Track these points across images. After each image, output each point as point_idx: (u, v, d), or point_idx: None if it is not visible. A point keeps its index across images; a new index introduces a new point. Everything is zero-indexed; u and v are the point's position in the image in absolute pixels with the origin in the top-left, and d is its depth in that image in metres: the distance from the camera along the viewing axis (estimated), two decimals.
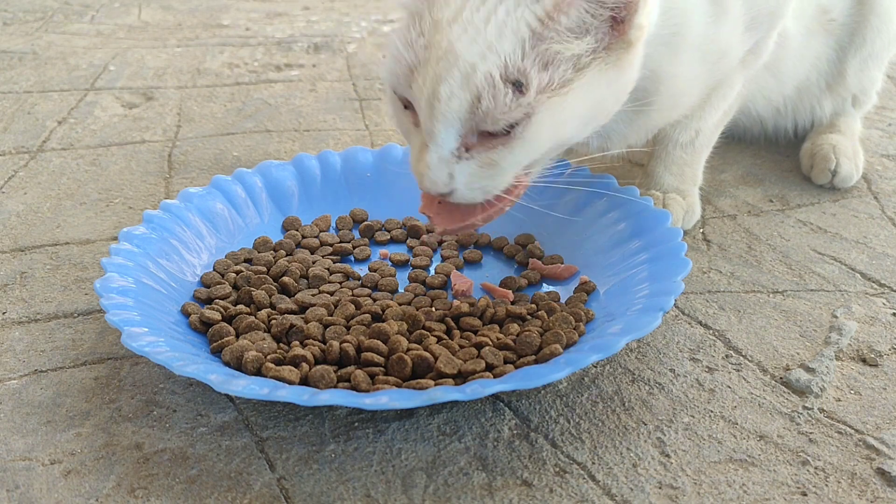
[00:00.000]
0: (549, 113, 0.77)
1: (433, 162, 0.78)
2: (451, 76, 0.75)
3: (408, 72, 0.78)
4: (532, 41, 0.75)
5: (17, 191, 1.19)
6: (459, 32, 0.75)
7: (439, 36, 0.76)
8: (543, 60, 0.76)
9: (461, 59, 0.75)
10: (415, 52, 0.77)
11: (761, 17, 0.98)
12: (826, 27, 1.17)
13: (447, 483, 0.71)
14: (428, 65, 0.76)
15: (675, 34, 0.89)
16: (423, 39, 0.77)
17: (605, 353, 0.74)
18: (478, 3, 0.76)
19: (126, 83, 1.59)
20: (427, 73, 0.76)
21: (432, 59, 0.76)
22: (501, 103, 0.75)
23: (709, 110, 1.05)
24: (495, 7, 0.75)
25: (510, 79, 0.75)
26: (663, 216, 0.95)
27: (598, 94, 0.80)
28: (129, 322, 0.79)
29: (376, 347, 0.80)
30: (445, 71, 0.75)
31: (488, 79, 0.74)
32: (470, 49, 0.75)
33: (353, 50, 1.79)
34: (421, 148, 0.79)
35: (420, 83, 0.77)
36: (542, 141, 0.79)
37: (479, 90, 0.75)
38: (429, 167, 0.78)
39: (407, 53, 0.78)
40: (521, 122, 0.76)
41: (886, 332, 0.90)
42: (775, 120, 1.27)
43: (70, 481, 0.71)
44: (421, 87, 0.77)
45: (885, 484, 0.70)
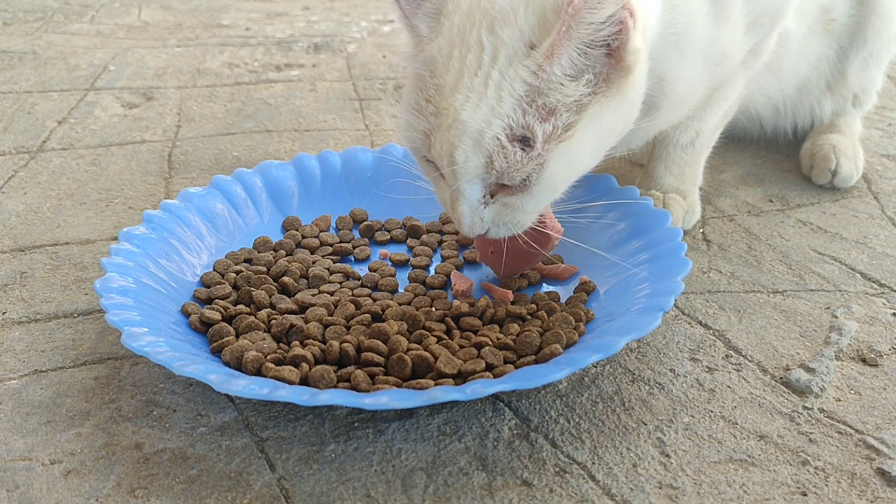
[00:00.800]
0: (560, 157, 0.79)
1: (465, 212, 0.81)
2: (463, 143, 0.77)
3: (424, 137, 0.80)
4: (530, 96, 0.77)
5: (17, 191, 1.19)
6: (462, 100, 0.77)
7: (445, 102, 0.78)
8: (545, 111, 0.77)
9: (468, 126, 0.77)
10: (426, 119, 0.80)
11: (762, 19, 0.98)
12: (827, 27, 1.17)
13: (447, 483, 0.71)
14: (440, 132, 0.78)
15: (682, 35, 0.89)
16: (432, 106, 0.79)
17: (605, 353, 0.74)
18: (475, 67, 0.77)
19: (126, 83, 1.59)
20: (441, 139, 0.78)
21: (444, 126, 0.78)
22: (512, 161, 0.77)
23: (709, 111, 1.05)
24: (490, 69, 0.77)
25: (516, 137, 0.77)
26: (663, 216, 0.95)
27: (604, 123, 0.81)
28: (129, 322, 0.79)
29: (376, 347, 0.80)
30: (457, 138, 0.77)
31: (496, 142, 0.77)
32: (474, 116, 0.77)
33: (353, 50, 1.79)
34: (452, 197, 0.82)
35: (438, 148, 0.79)
36: (557, 183, 0.82)
37: (490, 153, 0.77)
38: (463, 215, 0.82)
39: (419, 120, 0.80)
40: (535, 172, 0.79)
41: (886, 332, 0.90)
42: (775, 120, 1.27)
43: (70, 481, 0.71)
44: (439, 152, 0.79)
45: (885, 484, 0.70)
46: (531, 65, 0.76)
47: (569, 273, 0.95)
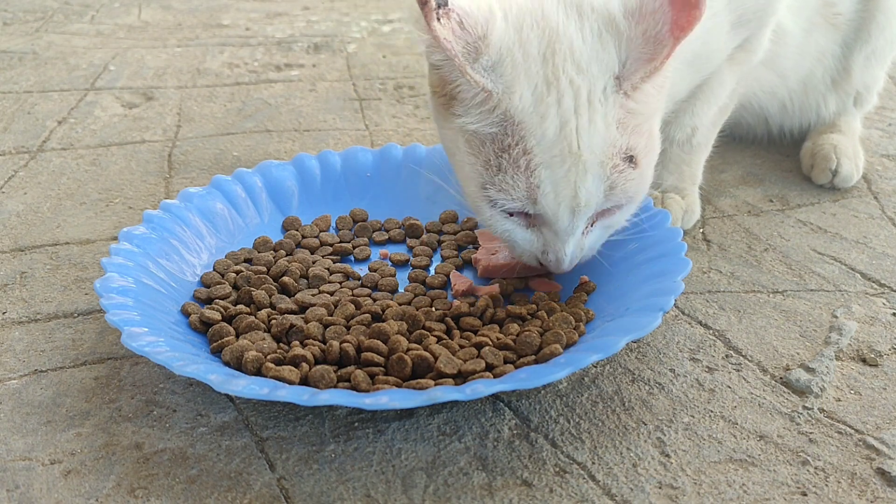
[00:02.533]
0: (651, 163, 0.85)
1: (570, 249, 0.84)
2: (587, 180, 0.79)
3: (527, 192, 0.80)
4: (628, 118, 0.80)
5: (17, 191, 1.19)
6: (576, 139, 0.79)
7: (556, 149, 0.79)
8: (637, 128, 0.81)
9: (590, 161, 0.79)
10: (530, 172, 0.79)
11: (748, 15, 0.98)
12: (832, 21, 1.16)
13: (447, 483, 0.71)
14: (555, 178, 0.79)
15: None
16: (536, 157, 0.79)
17: (605, 353, 0.74)
18: (574, 106, 0.79)
19: (126, 83, 1.59)
20: (558, 185, 0.79)
21: (560, 174, 0.79)
22: (627, 180, 0.81)
23: (702, 107, 1.05)
24: (589, 103, 0.79)
25: (626, 157, 0.81)
26: (662, 216, 0.95)
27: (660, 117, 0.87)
28: (129, 322, 0.79)
29: (376, 347, 0.80)
30: (579, 178, 0.79)
31: (616, 167, 0.80)
32: (593, 150, 0.79)
33: (353, 50, 1.79)
34: (546, 242, 0.84)
35: (552, 196, 0.80)
36: (648, 183, 0.86)
37: (612, 180, 0.80)
38: (566, 254, 0.84)
39: (519, 176, 0.80)
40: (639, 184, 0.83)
41: (886, 332, 0.90)
42: (781, 118, 1.27)
43: (70, 481, 0.71)
44: (554, 199, 0.80)
45: (885, 484, 0.70)
46: (628, 89, 0.79)
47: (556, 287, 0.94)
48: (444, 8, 0.76)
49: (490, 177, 0.81)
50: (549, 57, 0.79)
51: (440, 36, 0.75)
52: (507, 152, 0.80)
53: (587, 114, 0.79)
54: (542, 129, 0.79)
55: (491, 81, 0.79)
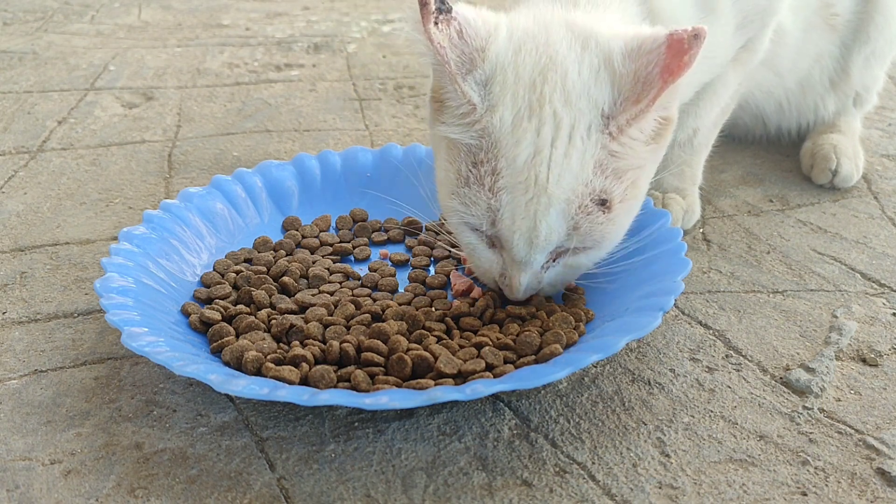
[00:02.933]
0: (628, 211, 0.83)
1: (525, 280, 0.82)
2: (549, 215, 0.78)
3: (487, 212, 0.79)
4: (608, 160, 0.78)
5: (17, 191, 1.19)
6: (545, 171, 0.77)
7: (522, 176, 0.77)
8: (616, 173, 0.79)
9: (554, 197, 0.77)
10: (493, 193, 0.78)
11: (752, 16, 0.98)
12: (830, 22, 1.16)
13: (447, 483, 0.71)
14: (515, 205, 0.78)
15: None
16: (502, 180, 0.78)
17: (605, 353, 0.74)
18: (551, 138, 0.77)
19: (126, 83, 1.59)
20: (516, 213, 0.78)
21: (520, 201, 0.78)
22: (595, 224, 0.79)
23: (705, 108, 1.05)
24: (569, 138, 0.77)
25: (597, 200, 0.78)
26: (663, 216, 0.95)
27: (652, 169, 0.84)
28: (129, 322, 0.79)
29: (376, 347, 0.80)
30: (541, 211, 0.77)
31: (584, 208, 0.78)
32: (560, 186, 0.77)
33: (353, 50, 1.79)
34: (504, 267, 0.83)
35: (508, 223, 0.79)
36: (622, 234, 0.84)
37: (576, 220, 0.78)
38: (521, 284, 0.82)
39: (483, 194, 0.79)
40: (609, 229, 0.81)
41: (886, 332, 0.90)
42: (779, 118, 1.27)
43: (70, 481, 0.71)
44: (510, 227, 0.79)
45: (885, 484, 0.70)
46: (613, 130, 0.77)
47: None
48: (446, 14, 0.76)
49: (458, 187, 0.80)
50: (540, 84, 0.78)
51: (434, 41, 0.75)
52: (477, 168, 0.79)
53: (563, 148, 0.77)
54: (514, 153, 0.77)
55: (478, 96, 0.78)
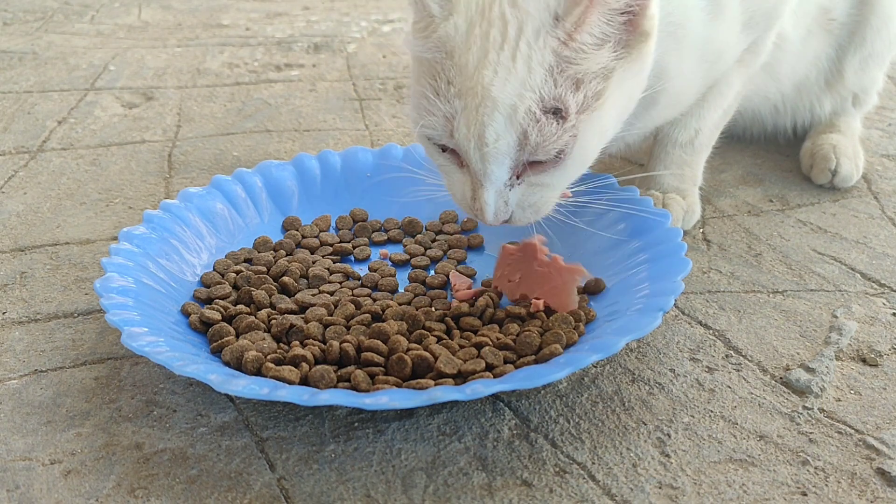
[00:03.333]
0: (591, 126, 0.78)
1: (490, 198, 0.79)
2: (494, 120, 0.75)
3: (445, 122, 0.78)
4: (560, 66, 0.76)
5: (17, 191, 1.19)
6: (491, 75, 0.75)
7: (471, 82, 0.76)
8: (575, 81, 0.76)
9: (499, 101, 0.75)
10: (448, 101, 0.77)
11: (758, 17, 0.98)
12: (826, 27, 1.17)
13: (447, 483, 0.71)
14: (467, 112, 0.76)
15: (679, 26, 0.90)
16: (454, 88, 0.77)
17: (605, 353, 0.74)
18: (500, 42, 0.75)
19: (126, 83, 1.59)
20: (468, 120, 0.76)
21: (470, 107, 0.76)
22: (547, 134, 0.76)
23: (708, 109, 1.05)
24: (517, 42, 0.75)
25: (549, 109, 0.76)
26: (663, 216, 0.95)
27: (626, 89, 0.81)
28: (129, 322, 0.79)
29: (376, 347, 0.80)
30: (487, 116, 0.75)
31: (530, 115, 0.75)
32: (505, 90, 0.75)
33: (353, 50, 1.79)
34: (473, 186, 0.80)
35: (464, 131, 0.77)
36: (589, 153, 0.82)
37: (524, 128, 0.75)
38: (487, 203, 0.79)
39: (440, 104, 0.78)
40: (569, 144, 0.78)
41: (886, 332, 0.90)
42: (774, 119, 1.27)
43: (70, 481, 0.71)
44: (465, 135, 0.77)
45: (885, 484, 0.70)
46: (560, 35, 0.75)
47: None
48: None
49: (421, 100, 0.79)
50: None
51: None
52: (436, 80, 0.78)
53: (510, 51, 0.75)
54: (464, 59, 0.76)
55: (437, 5, 0.78)
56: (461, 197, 0.83)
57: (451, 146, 0.80)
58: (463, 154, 0.79)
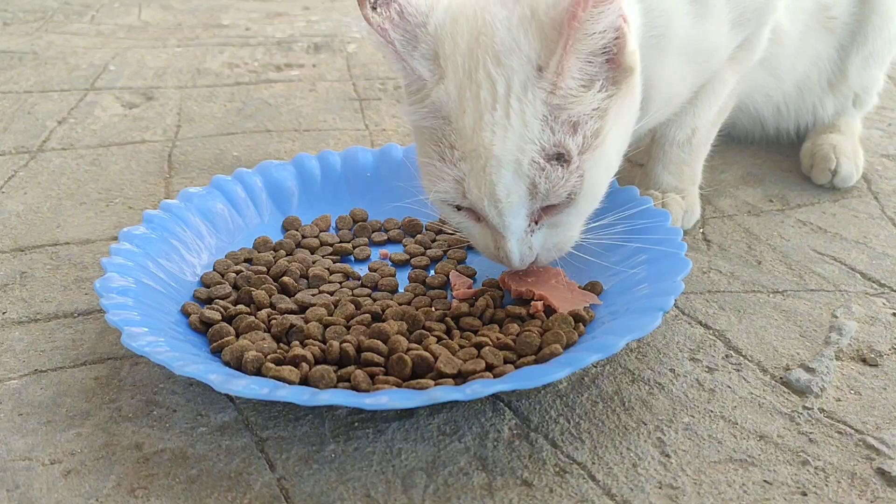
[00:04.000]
0: (596, 163, 0.80)
1: (514, 247, 0.82)
2: (502, 177, 0.77)
3: (455, 185, 0.80)
4: (553, 114, 0.77)
5: (17, 191, 1.19)
6: (490, 136, 0.77)
7: (472, 144, 0.78)
8: (571, 125, 0.78)
9: (503, 159, 0.77)
10: (455, 165, 0.79)
11: (748, 14, 0.98)
12: (826, 25, 1.17)
13: (447, 483, 0.71)
14: (474, 174, 0.78)
15: (661, 36, 0.90)
16: (458, 152, 0.79)
17: (605, 353, 0.74)
18: (491, 102, 0.77)
19: (126, 83, 1.59)
20: (478, 181, 0.78)
21: (477, 168, 0.78)
22: (555, 179, 0.78)
23: (703, 107, 1.05)
24: (507, 99, 0.77)
25: (552, 156, 0.78)
26: (663, 216, 0.95)
27: (623, 122, 0.83)
28: (129, 322, 0.79)
29: (376, 347, 0.80)
30: (494, 174, 0.77)
31: (534, 165, 0.77)
32: (506, 147, 0.77)
33: (353, 50, 1.79)
34: (495, 238, 0.83)
35: (475, 192, 0.79)
36: (598, 189, 0.83)
37: (532, 178, 0.77)
38: (512, 251, 0.82)
39: (447, 169, 0.80)
40: (577, 184, 0.79)
41: (886, 332, 0.90)
42: (777, 120, 1.27)
43: (70, 481, 0.71)
44: (478, 195, 0.79)
45: (885, 484, 0.70)
46: (546, 85, 0.76)
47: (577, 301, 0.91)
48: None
49: (429, 167, 0.81)
50: (474, 48, 0.78)
51: (374, 24, 0.79)
52: (439, 145, 0.80)
53: (503, 109, 0.77)
54: (462, 122, 0.78)
55: (427, 70, 0.79)
56: (484, 247, 0.86)
57: (466, 206, 0.82)
58: (479, 211, 0.81)
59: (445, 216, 0.87)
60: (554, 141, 0.77)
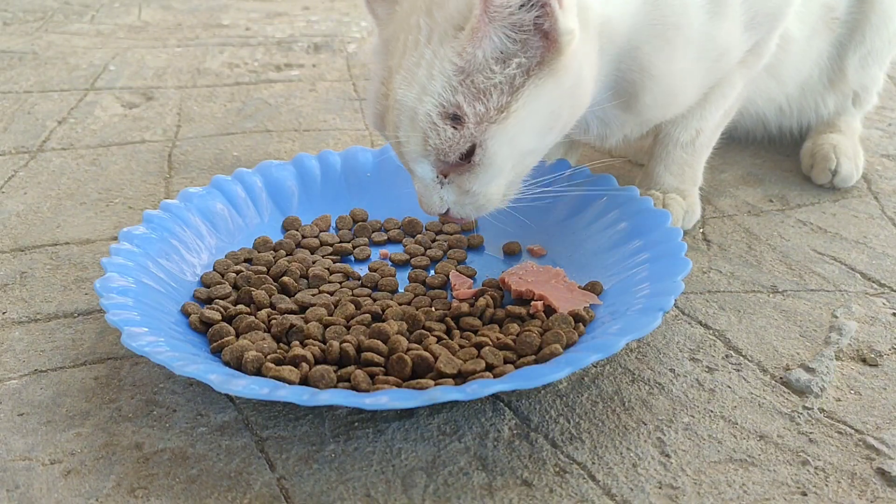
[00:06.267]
0: (498, 137, 0.79)
1: (420, 190, 0.85)
2: (402, 121, 0.80)
3: (379, 119, 0.84)
4: (459, 76, 0.78)
5: (17, 191, 1.19)
6: (400, 80, 0.79)
7: (391, 85, 0.81)
8: (475, 92, 0.78)
9: (403, 104, 0.79)
10: (380, 101, 0.83)
11: (760, 18, 0.98)
12: (829, 25, 1.17)
13: (447, 483, 0.71)
14: (388, 112, 0.82)
15: (670, 28, 0.89)
16: (384, 88, 0.83)
17: (605, 353, 0.74)
18: (412, 48, 0.79)
19: (126, 83, 1.59)
20: (389, 119, 0.82)
21: (390, 108, 0.81)
22: (445, 139, 0.78)
23: (709, 110, 1.05)
24: (423, 50, 0.78)
25: (448, 115, 0.78)
26: (663, 216, 0.95)
27: (544, 106, 0.81)
28: (129, 322, 0.79)
29: (376, 347, 0.80)
30: (397, 117, 0.80)
31: (428, 119, 0.78)
32: (408, 94, 0.79)
33: (353, 50, 1.79)
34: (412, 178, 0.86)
35: (389, 129, 0.82)
36: (501, 162, 0.81)
37: (424, 130, 0.78)
38: (420, 194, 0.85)
39: (376, 103, 0.84)
40: (476, 151, 0.79)
41: (886, 332, 0.90)
42: (780, 120, 1.27)
43: (70, 481, 0.71)
44: (390, 133, 0.82)
45: (885, 484, 0.70)
46: (457, 46, 0.77)
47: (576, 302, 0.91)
48: None
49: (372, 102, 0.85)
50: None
51: None
52: (378, 79, 0.84)
53: (415, 56, 0.78)
54: (389, 62, 0.82)
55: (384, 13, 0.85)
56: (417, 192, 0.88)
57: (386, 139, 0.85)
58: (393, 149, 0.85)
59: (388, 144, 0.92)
60: (453, 101, 0.78)
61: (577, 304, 0.87)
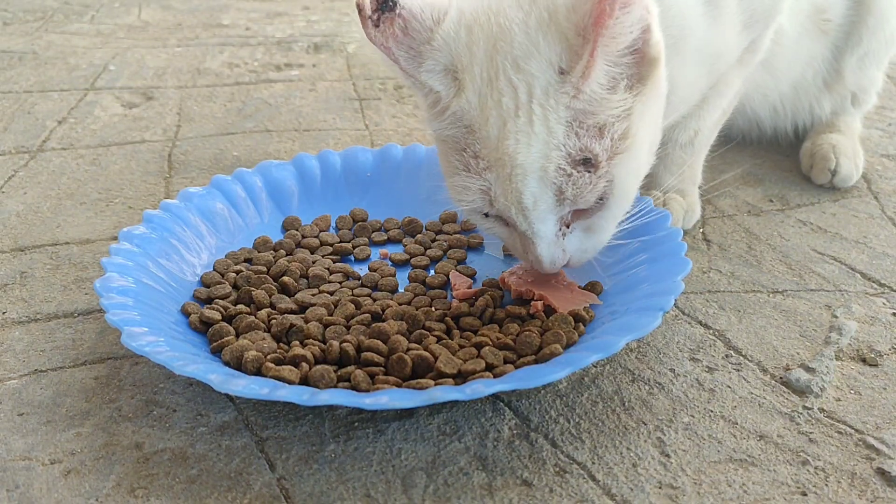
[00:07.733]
0: (625, 165, 0.78)
1: (544, 251, 0.80)
2: (528, 185, 0.76)
3: (482, 195, 0.79)
4: (577, 119, 0.76)
5: (17, 191, 1.19)
6: (514, 144, 0.75)
7: (497, 153, 0.76)
8: (597, 129, 0.76)
9: (528, 167, 0.75)
10: (480, 175, 0.78)
11: (757, 16, 0.98)
12: (822, 27, 1.17)
13: (447, 483, 0.71)
14: (500, 182, 0.77)
15: (679, 38, 0.89)
16: (483, 161, 0.78)
17: (605, 353, 0.74)
18: (514, 109, 0.75)
19: (126, 83, 1.59)
20: (504, 190, 0.77)
21: (503, 177, 0.77)
22: (582, 185, 0.76)
23: (708, 109, 1.05)
24: (529, 105, 0.75)
25: (578, 161, 0.76)
26: (663, 216, 0.95)
27: (651, 119, 0.81)
28: (129, 322, 0.79)
29: (376, 347, 0.80)
30: (520, 183, 0.76)
31: (561, 172, 0.76)
32: (530, 155, 0.75)
33: (353, 50, 1.79)
34: (524, 242, 0.82)
35: (502, 200, 0.78)
36: (629, 191, 0.82)
37: (558, 185, 0.76)
38: (542, 256, 0.81)
39: (473, 179, 0.79)
40: (607, 188, 0.78)
41: (886, 332, 0.90)
42: (774, 120, 1.27)
43: (70, 481, 0.71)
44: (505, 204, 0.78)
45: (885, 484, 0.70)
46: (568, 89, 0.74)
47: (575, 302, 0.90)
48: (388, 13, 0.76)
49: (453, 177, 0.80)
50: (492, 54, 0.76)
51: (378, 43, 0.76)
52: (462, 154, 0.79)
53: (525, 115, 0.75)
54: (485, 132, 0.77)
55: (440, 83, 0.78)
56: (518, 252, 0.85)
57: (494, 213, 0.81)
58: (507, 219, 0.81)
59: (474, 222, 0.87)
60: (580, 146, 0.76)
61: (577, 304, 0.87)
